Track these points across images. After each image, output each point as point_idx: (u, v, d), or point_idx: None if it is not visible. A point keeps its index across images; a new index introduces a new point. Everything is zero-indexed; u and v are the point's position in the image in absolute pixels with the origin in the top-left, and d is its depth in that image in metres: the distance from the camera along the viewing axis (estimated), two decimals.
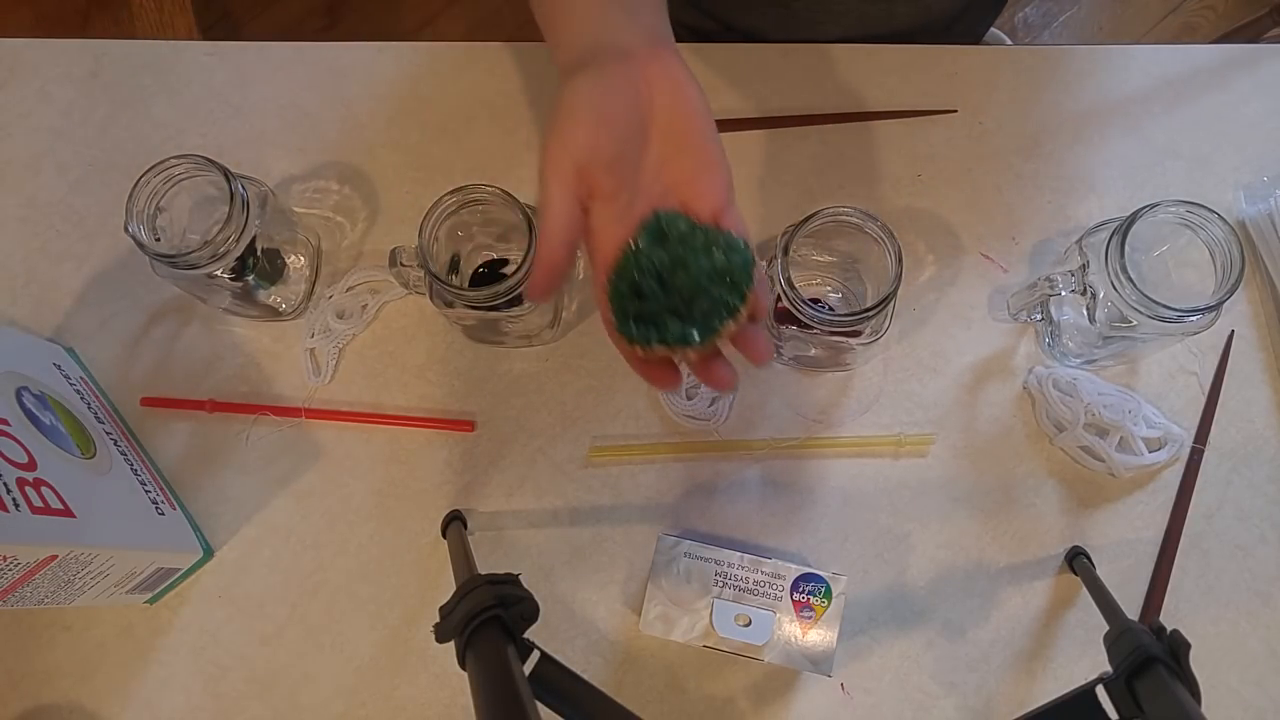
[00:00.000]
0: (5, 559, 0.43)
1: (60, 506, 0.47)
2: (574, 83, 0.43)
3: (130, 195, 0.53)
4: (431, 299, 0.54)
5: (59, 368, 0.58)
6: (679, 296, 0.43)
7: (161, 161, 0.53)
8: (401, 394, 0.61)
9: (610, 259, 0.44)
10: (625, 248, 0.44)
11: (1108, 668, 0.44)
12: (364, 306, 0.62)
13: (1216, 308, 0.49)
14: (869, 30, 0.68)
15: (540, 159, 0.42)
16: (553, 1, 0.46)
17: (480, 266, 0.60)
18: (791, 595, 0.54)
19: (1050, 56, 0.67)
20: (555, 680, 0.42)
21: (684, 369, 0.45)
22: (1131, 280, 0.49)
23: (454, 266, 0.59)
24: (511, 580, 0.44)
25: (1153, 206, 0.51)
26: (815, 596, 0.54)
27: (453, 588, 0.45)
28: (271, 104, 0.66)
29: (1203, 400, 0.60)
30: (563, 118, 0.42)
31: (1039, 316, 0.59)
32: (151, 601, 0.57)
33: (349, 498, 0.59)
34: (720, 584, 0.54)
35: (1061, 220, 0.63)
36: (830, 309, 0.52)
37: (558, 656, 0.42)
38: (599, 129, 0.42)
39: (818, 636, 0.53)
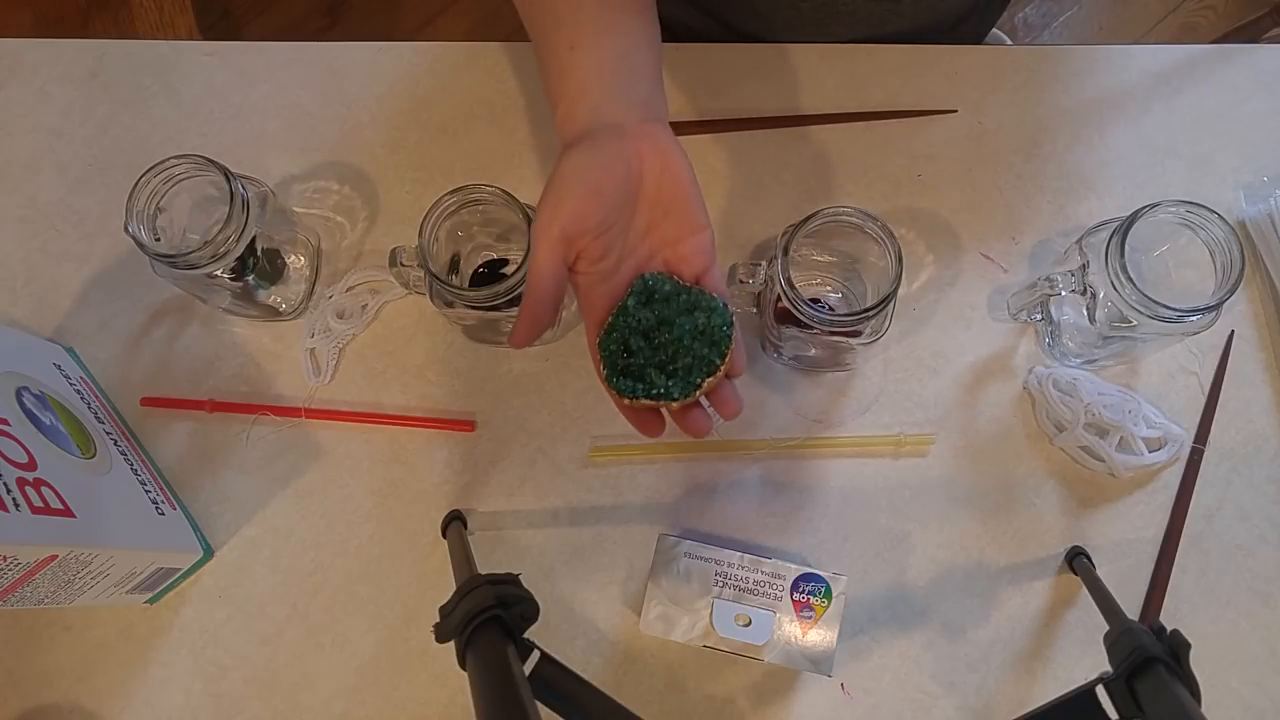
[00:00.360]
0: (5, 559, 0.43)
1: (60, 506, 0.47)
2: (569, 155, 0.47)
3: (130, 195, 0.53)
4: (431, 299, 0.54)
5: (59, 368, 0.58)
6: (664, 353, 0.47)
7: (161, 161, 0.53)
8: (401, 394, 0.61)
9: (599, 315, 0.49)
10: (616, 308, 0.48)
11: (1108, 668, 0.44)
12: (364, 306, 0.62)
13: (1216, 308, 0.49)
14: (876, 30, 0.68)
15: (534, 223, 0.46)
16: (557, 73, 0.49)
17: (480, 266, 0.60)
18: (791, 595, 0.54)
19: (1050, 56, 0.67)
20: (555, 680, 0.42)
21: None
22: (1131, 280, 0.49)
23: (454, 266, 0.59)
24: (511, 580, 0.44)
25: (1153, 206, 0.51)
26: (815, 596, 0.54)
27: (453, 588, 0.45)
28: (271, 104, 0.66)
29: (1203, 400, 0.60)
30: (555, 187, 0.46)
31: (1039, 316, 0.59)
32: (151, 601, 0.57)
33: (349, 498, 0.59)
34: (720, 584, 0.54)
35: (1061, 220, 0.63)
36: (830, 309, 0.52)
37: (558, 656, 0.42)
38: (588, 200, 0.45)
39: (818, 636, 0.53)
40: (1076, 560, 0.56)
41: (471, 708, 0.37)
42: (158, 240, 0.54)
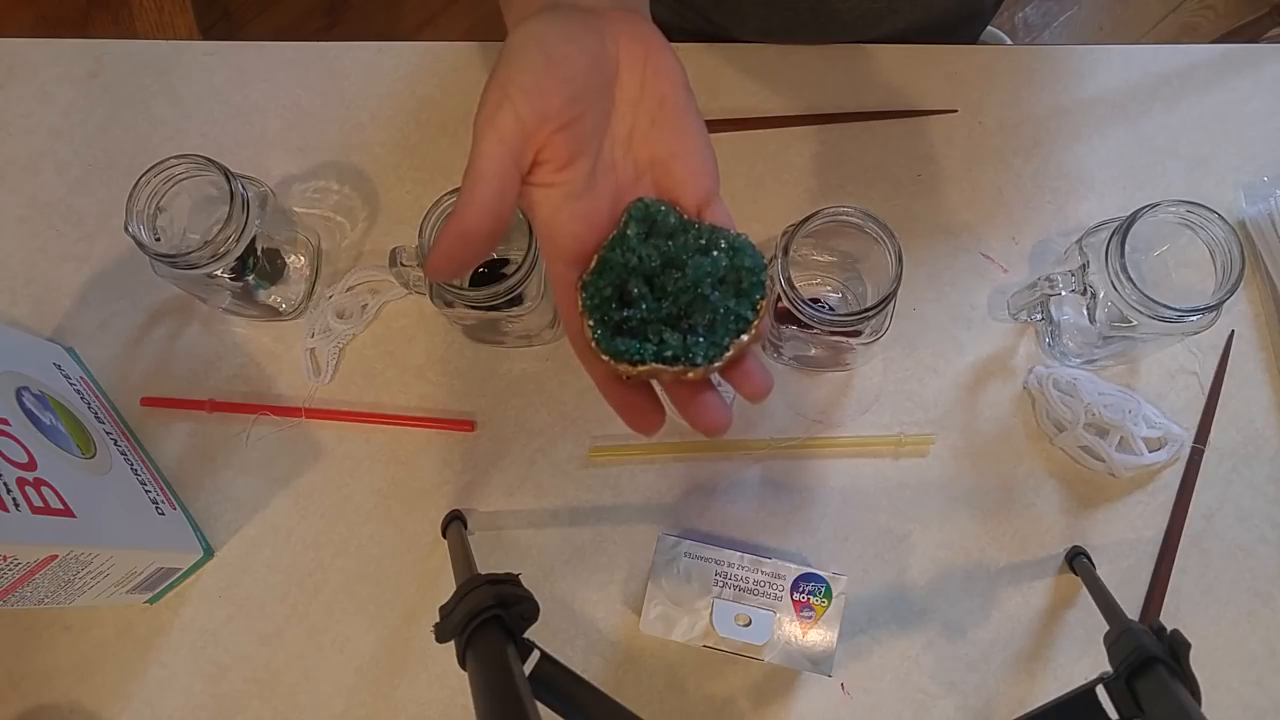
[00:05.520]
0: (5, 559, 0.43)
1: (60, 506, 0.47)
2: (522, 25, 0.36)
3: (130, 195, 0.53)
4: (431, 299, 0.54)
5: (59, 368, 0.58)
6: (674, 305, 0.36)
7: (161, 161, 0.53)
8: (401, 394, 0.61)
9: (569, 247, 0.37)
10: (609, 239, 0.37)
11: (1108, 668, 0.44)
12: (364, 306, 0.62)
13: (1216, 308, 0.49)
14: (872, 30, 0.68)
15: (478, 113, 0.35)
16: None
17: (480, 266, 0.60)
18: (791, 595, 0.54)
19: (1050, 56, 0.67)
20: (555, 680, 0.42)
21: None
22: (1131, 280, 0.49)
23: None
24: (511, 580, 0.44)
25: (1153, 206, 0.51)
26: (815, 596, 0.54)
27: (453, 588, 0.45)
28: (271, 104, 0.66)
29: (1203, 400, 0.60)
30: (505, 61, 0.35)
31: (1039, 316, 0.59)
32: (151, 601, 0.57)
33: (349, 498, 0.59)
34: (720, 584, 0.54)
35: (1061, 220, 0.63)
36: (830, 309, 0.52)
37: (558, 656, 0.42)
38: (548, 74, 0.35)
39: (818, 636, 0.53)
40: (1076, 560, 0.56)
41: (471, 708, 0.37)
42: (158, 240, 0.54)
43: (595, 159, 0.37)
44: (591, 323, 0.37)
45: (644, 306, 0.37)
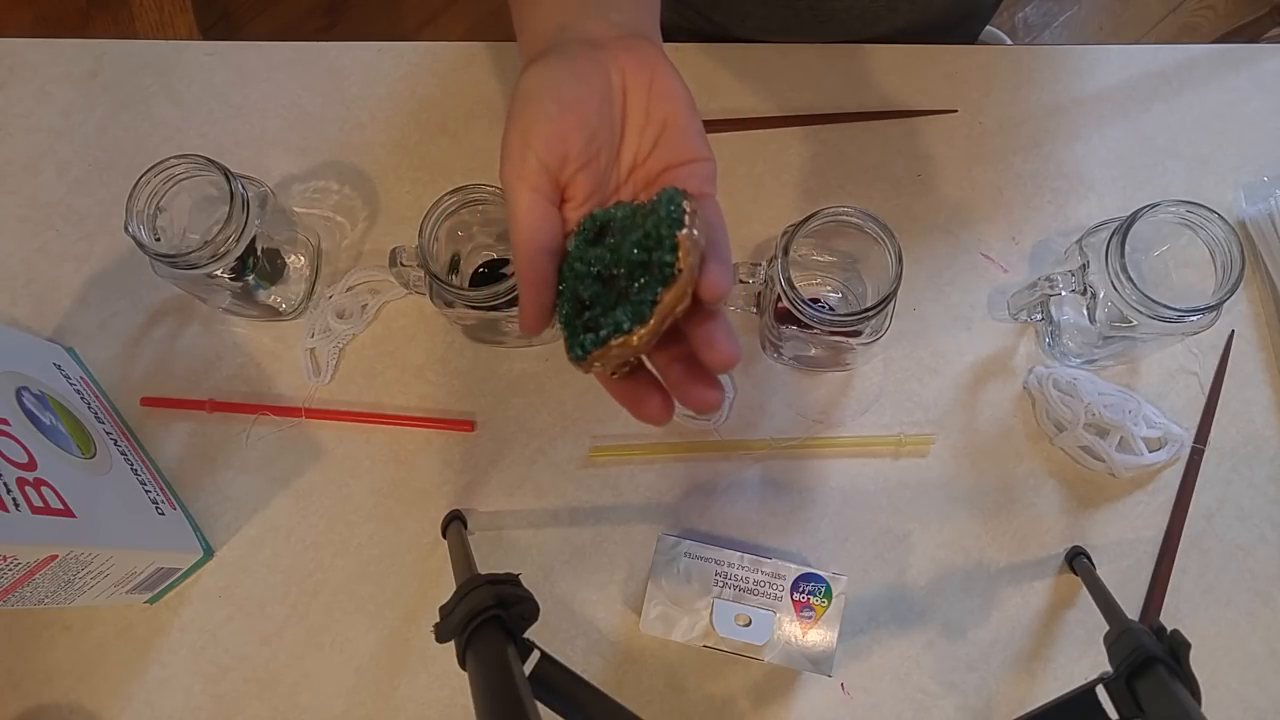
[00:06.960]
0: (5, 559, 0.43)
1: (60, 506, 0.47)
2: (532, 70, 0.38)
3: (130, 195, 0.53)
4: (431, 299, 0.54)
5: (59, 368, 0.58)
6: (620, 287, 0.36)
7: (161, 161, 0.53)
8: (401, 394, 0.61)
9: None
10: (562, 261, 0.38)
11: (1108, 668, 0.44)
12: (364, 306, 0.62)
13: (1216, 308, 0.49)
14: (870, 29, 0.68)
15: (500, 161, 0.37)
16: (528, 3, 0.42)
17: (480, 266, 0.60)
18: (791, 595, 0.54)
19: (1050, 56, 0.67)
20: (555, 680, 0.42)
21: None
22: (1131, 280, 0.49)
23: (454, 266, 0.59)
24: (511, 580, 0.44)
25: (1153, 206, 0.51)
26: (815, 596, 0.54)
27: (453, 588, 0.45)
28: (271, 104, 0.66)
29: (1203, 400, 0.60)
30: (521, 109, 0.37)
31: (1039, 316, 0.59)
32: (151, 601, 0.57)
33: (349, 498, 0.59)
34: (720, 584, 0.54)
35: (1061, 220, 0.63)
36: (830, 309, 0.52)
37: (558, 656, 0.42)
38: (564, 118, 0.36)
39: (818, 636, 0.53)
40: (1076, 560, 0.56)
41: (471, 708, 0.37)
42: (158, 240, 0.54)
43: (605, 191, 0.39)
44: (567, 340, 0.37)
45: (600, 304, 0.36)
